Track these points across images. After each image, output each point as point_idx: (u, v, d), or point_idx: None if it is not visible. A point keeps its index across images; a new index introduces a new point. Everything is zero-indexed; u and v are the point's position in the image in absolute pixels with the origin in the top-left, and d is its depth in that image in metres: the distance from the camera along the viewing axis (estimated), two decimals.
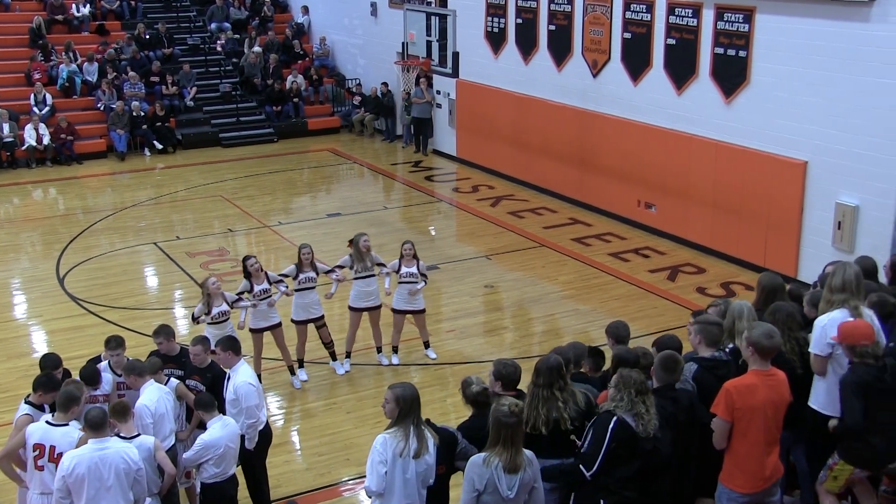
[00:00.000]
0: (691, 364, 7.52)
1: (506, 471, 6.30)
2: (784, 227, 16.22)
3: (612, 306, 15.38)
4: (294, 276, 12.65)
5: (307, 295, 12.74)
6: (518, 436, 6.40)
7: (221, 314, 11.69)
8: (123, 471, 7.68)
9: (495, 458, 6.33)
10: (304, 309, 12.77)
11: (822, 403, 7.58)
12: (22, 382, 9.03)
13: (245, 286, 12.27)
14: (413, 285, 13.10)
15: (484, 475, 6.32)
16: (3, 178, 23.63)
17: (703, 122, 17.63)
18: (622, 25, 19.16)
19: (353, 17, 29.15)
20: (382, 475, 6.73)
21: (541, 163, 21.87)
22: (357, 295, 13.06)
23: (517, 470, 6.31)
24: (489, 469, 6.32)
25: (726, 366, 7.43)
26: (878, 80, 14.48)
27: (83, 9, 29.12)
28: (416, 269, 13.11)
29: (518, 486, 6.34)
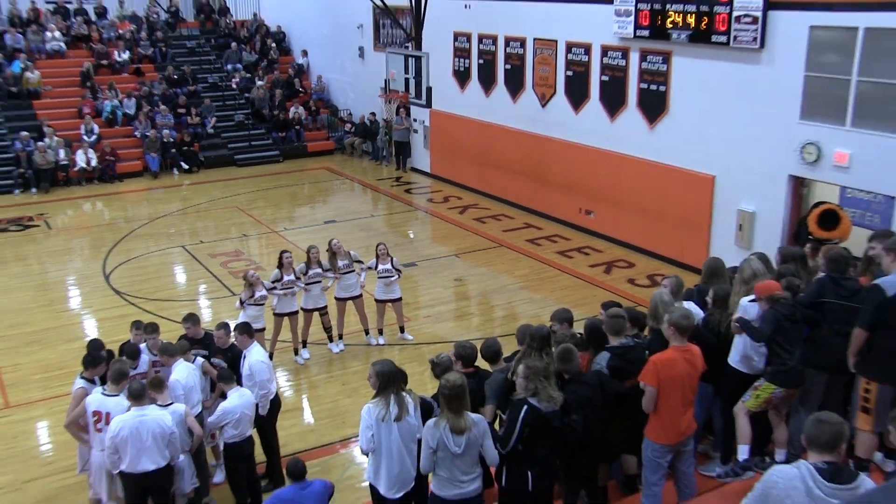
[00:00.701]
0: (604, 353, 7.46)
1: (452, 432, 6.33)
2: (697, 229, 16.35)
3: (560, 295, 15.46)
4: (304, 272, 12.76)
5: (315, 287, 12.88)
6: (459, 404, 6.39)
7: (262, 297, 11.92)
8: (159, 434, 7.84)
9: (443, 422, 6.39)
10: (313, 299, 12.90)
11: (736, 360, 7.59)
12: (76, 361, 9.07)
13: (276, 275, 12.46)
14: (388, 279, 13.21)
15: (435, 436, 6.38)
16: (60, 194, 23.49)
17: (631, 144, 17.71)
18: (565, 65, 19.24)
19: (344, 59, 29.08)
20: (370, 437, 6.84)
21: (500, 177, 21.88)
22: (340, 288, 13.16)
23: (462, 431, 6.33)
24: (439, 431, 6.37)
25: (633, 350, 7.39)
26: (767, 111, 14.69)
27: (123, 55, 29.04)
28: (390, 266, 13.22)
29: (465, 444, 6.36)
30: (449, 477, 6.51)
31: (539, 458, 6.69)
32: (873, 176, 13.32)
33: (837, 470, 4.53)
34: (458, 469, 6.48)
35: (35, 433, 11.25)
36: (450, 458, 6.43)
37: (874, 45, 13.08)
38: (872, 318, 6.75)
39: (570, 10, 18.76)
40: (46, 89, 26.89)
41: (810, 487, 4.50)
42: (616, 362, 7.28)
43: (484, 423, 6.55)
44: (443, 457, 6.45)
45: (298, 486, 7.37)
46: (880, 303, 6.70)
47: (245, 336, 9.52)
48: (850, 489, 4.47)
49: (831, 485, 4.46)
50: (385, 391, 6.89)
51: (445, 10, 22.32)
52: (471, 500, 6.65)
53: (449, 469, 6.49)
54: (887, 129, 13.03)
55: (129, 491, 8.07)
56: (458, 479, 6.51)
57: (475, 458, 6.55)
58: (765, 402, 7.18)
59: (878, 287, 6.78)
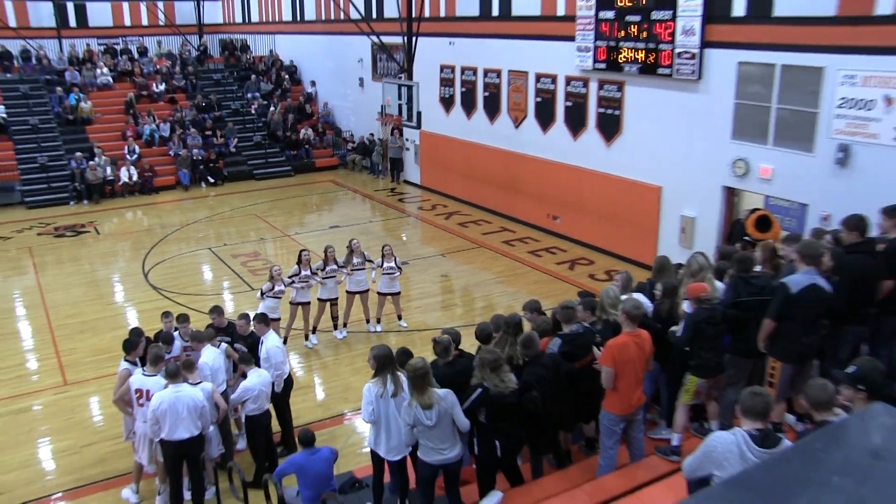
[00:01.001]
0: (556, 339, 7.43)
1: (422, 408, 6.36)
2: (646, 232, 16.41)
3: (531, 288, 15.52)
4: (322, 268, 12.84)
5: (331, 281, 12.94)
6: (422, 383, 6.38)
7: (280, 291, 12.04)
8: (192, 407, 7.92)
9: (413, 401, 6.43)
10: (328, 291, 12.96)
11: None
12: (120, 347, 9.13)
13: (294, 270, 12.52)
14: (391, 274, 13.27)
15: (410, 413, 6.43)
16: (106, 204, 23.47)
17: (591, 160, 17.75)
18: (535, 93, 19.28)
19: (347, 88, 29.06)
20: (370, 411, 6.91)
21: (479, 188, 21.89)
22: (352, 282, 13.22)
23: (430, 406, 6.35)
24: (412, 409, 6.41)
25: (582, 336, 7.37)
26: (704, 132, 14.78)
27: (160, 86, 29.19)
28: (394, 264, 13.28)
29: (436, 416, 6.37)
30: (431, 446, 6.56)
31: (503, 429, 6.72)
32: (790, 187, 13.41)
33: (766, 436, 4.73)
34: (437, 438, 6.52)
35: (89, 406, 11.31)
36: (426, 430, 6.47)
37: (789, 78, 13.20)
38: (779, 310, 6.85)
39: (539, 46, 18.79)
40: (97, 116, 27.10)
41: (744, 451, 4.68)
42: (566, 347, 7.30)
43: (452, 397, 6.52)
44: (421, 430, 6.51)
45: (309, 451, 7.44)
46: (785, 298, 6.80)
47: (262, 324, 9.59)
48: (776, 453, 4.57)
49: (761, 449, 4.65)
50: (382, 372, 6.93)
51: (433, 46, 22.34)
52: (451, 464, 6.71)
53: (428, 439, 6.54)
54: (800, 147, 13.14)
55: (168, 455, 8.13)
56: (438, 448, 6.57)
57: (450, 428, 6.57)
58: (696, 394, 7.26)
59: (784, 285, 6.87)
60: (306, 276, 12.57)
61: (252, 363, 8.94)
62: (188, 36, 34.53)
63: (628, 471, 7.14)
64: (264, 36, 34.36)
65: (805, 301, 6.77)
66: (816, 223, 12.73)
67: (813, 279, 6.80)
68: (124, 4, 35.57)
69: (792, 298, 6.78)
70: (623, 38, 16.02)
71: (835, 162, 12.52)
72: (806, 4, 12.77)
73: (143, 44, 33.53)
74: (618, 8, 16.00)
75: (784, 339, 6.93)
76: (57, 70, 28.81)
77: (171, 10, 36.24)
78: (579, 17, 17.02)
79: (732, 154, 14.25)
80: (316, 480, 7.34)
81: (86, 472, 9.52)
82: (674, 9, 14.78)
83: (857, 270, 7.28)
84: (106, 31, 34.94)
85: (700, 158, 14.97)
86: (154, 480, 8.90)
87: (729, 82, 14.16)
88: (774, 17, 13.29)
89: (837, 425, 3.05)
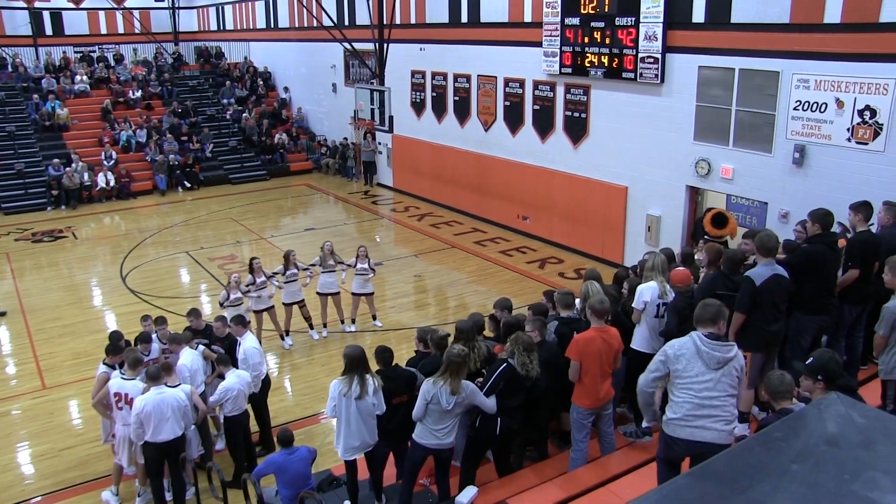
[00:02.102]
0: (553, 322, 7.58)
1: (449, 393, 6.39)
2: (614, 230, 16.52)
3: (502, 287, 15.52)
4: (283, 272, 12.71)
5: (293, 284, 12.82)
6: (461, 370, 6.47)
7: (236, 299, 11.78)
8: (177, 407, 7.86)
9: (441, 381, 6.42)
10: (291, 295, 12.81)
11: (638, 344, 7.69)
12: (100, 349, 9.03)
13: (249, 280, 12.30)
14: (364, 276, 13.23)
15: (432, 391, 6.43)
16: (84, 210, 23.18)
17: (559, 161, 17.84)
18: (503, 96, 19.32)
19: (320, 93, 28.95)
20: (333, 407, 6.88)
21: (451, 190, 21.90)
22: (321, 285, 13.16)
23: (456, 393, 6.40)
24: (436, 388, 6.41)
25: (577, 322, 7.39)
26: (667, 134, 14.92)
27: (136, 93, 28.95)
28: (367, 265, 13.22)
29: (454, 403, 6.44)
30: (433, 429, 6.58)
31: (511, 408, 6.77)
32: (751, 186, 13.58)
33: (717, 336, 5.35)
34: (441, 423, 6.55)
35: (68, 410, 11.16)
36: (438, 411, 6.49)
37: (747, 82, 13.36)
38: (748, 304, 6.92)
39: (507, 52, 18.83)
40: (74, 123, 26.79)
41: (698, 345, 5.29)
42: (562, 329, 7.39)
43: (472, 387, 6.59)
44: (433, 409, 6.51)
45: (287, 451, 7.40)
46: (752, 291, 6.87)
47: (240, 326, 9.50)
48: (726, 346, 5.30)
49: (713, 342, 5.28)
50: (350, 372, 6.86)
51: (404, 52, 22.31)
52: (444, 451, 6.78)
53: (434, 422, 6.55)
54: (759, 148, 13.31)
55: (150, 457, 8.04)
56: (437, 432, 6.59)
57: (456, 418, 6.64)
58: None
59: (749, 279, 6.95)
60: (262, 282, 12.35)
61: (230, 364, 8.86)
62: (164, 44, 34.26)
63: (600, 463, 7.17)
64: (239, 43, 34.20)
65: (769, 292, 6.86)
66: (776, 220, 12.92)
67: (773, 269, 6.90)
68: (100, 13, 35.17)
69: (758, 291, 6.86)
70: (588, 43, 16.11)
71: (792, 162, 12.71)
72: (762, 12, 12.94)
73: (119, 51, 33.23)
74: (583, 14, 16.09)
75: (752, 329, 6.99)
76: (33, 77, 28.51)
77: (146, 18, 35.85)
78: (546, 23, 17.09)
79: (695, 155, 14.38)
80: (294, 480, 7.31)
81: (65, 475, 9.39)
82: (636, 15, 14.89)
83: (815, 260, 7.40)
84: (82, 39, 34.55)
85: (664, 159, 15.09)
86: (134, 482, 8.81)
87: (690, 86, 14.30)
88: (733, 23, 13.44)
89: (796, 415, 3.10)
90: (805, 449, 2.63)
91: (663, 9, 14.38)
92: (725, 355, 5.25)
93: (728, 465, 2.68)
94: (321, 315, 13.32)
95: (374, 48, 21.81)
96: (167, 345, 9.36)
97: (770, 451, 2.66)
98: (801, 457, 2.58)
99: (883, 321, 6.39)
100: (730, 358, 5.27)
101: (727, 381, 5.27)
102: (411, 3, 22.19)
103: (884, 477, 2.41)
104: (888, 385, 6.52)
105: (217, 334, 9.69)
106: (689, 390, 5.29)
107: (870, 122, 11.62)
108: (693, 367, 5.28)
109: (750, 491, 2.45)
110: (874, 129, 11.58)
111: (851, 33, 11.76)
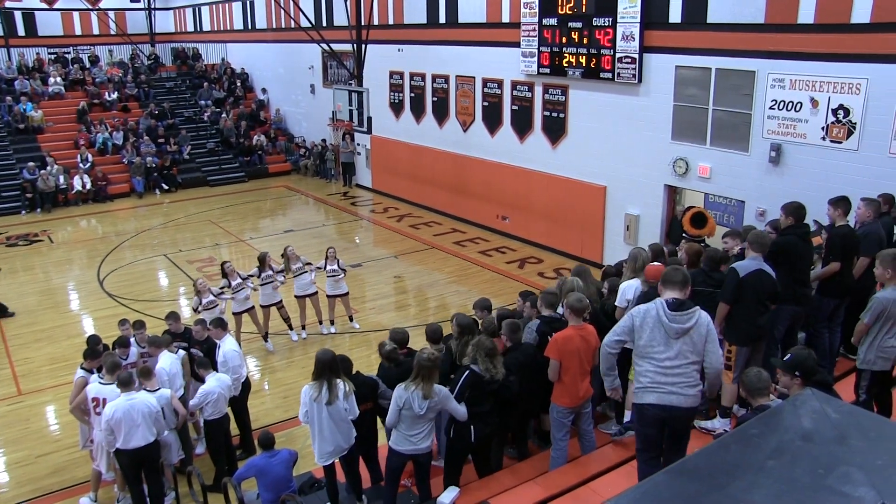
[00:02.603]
0: (535, 321, 7.51)
1: (421, 397, 6.36)
2: (593, 230, 16.59)
3: (482, 287, 15.54)
4: (258, 274, 12.69)
5: (269, 287, 12.77)
6: (432, 374, 6.41)
7: (210, 303, 11.68)
8: (147, 413, 7.78)
9: (413, 386, 6.39)
10: (268, 297, 12.78)
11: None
12: (78, 354, 8.94)
13: (224, 283, 12.29)
14: (335, 277, 13.20)
15: (404, 396, 6.39)
16: (60, 213, 22.99)
17: (538, 161, 17.89)
18: (482, 97, 19.36)
19: (298, 94, 28.88)
20: (304, 412, 6.84)
21: (430, 191, 21.91)
22: (297, 287, 13.15)
23: (429, 397, 6.36)
24: (408, 393, 6.38)
25: (559, 321, 7.30)
26: (645, 133, 15.00)
27: (112, 95, 28.70)
28: (337, 266, 13.21)
29: (427, 407, 6.40)
30: (408, 435, 6.56)
31: (480, 414, 6.75)
32: (728, 184, 13.70)
33: (681, 304, 5.49)
34: (415, 428, 6.53)
35: (44, 416, 11.05)
36: (412, 417, 6.46)
37: (723, 82, 13.48)
38: (732, 294, 6.98)
39: (485, 52, 18.87)
40: (48, 125, 26.53)
41: (660, 314, 5.47)
42: (544, 328, 7.34)
43: (444, 391, 6.57)
44: (406, 415, 6.48)
45: (268, 454, 7.39)
46: (737, 282, 6.94)
47: (219, 329, 9.45)
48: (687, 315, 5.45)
49: (673, 313, 5.45)
50: (319, 377, 6.79)
51: (382, 52, 22.29)
52: (422, 455, 6.74)
53: (408, 427, 6.53)
54: (736, 147, 13.44)
55: (124, 464, 7.97)
56: (412, 437, 6.57)
57: (431, 422, 6.62)
58: None
59: (734, 269, 7.02)
60: (237, 285, 12.31)
61: (209, 367, 8.81)
62: (140, 45, 34.01)
63: (580, 462, 7.19)
64: (216, 44, 34.02)
65: (753, 284, 6.91)
66: (753, 218, 13.04)
67: (759, 265, 6.97)
68: (74, 14, 34.86)
69: (742, 282, 6.92)
70: (566, 43, 16.18)
71: (768, 160, 12.84)
72: (737, 12, 13.06)
73: (94, 52, 32.95)
74: (560, 15, 16.15)
75: (738, 322, 7.06)
76: (6, 79, 28.22)
77: (122, 19, 35.56)
78: (524, 23, 17.15)
79: (673, 154, 14.48)
80: (276, 483, 7.28)
81: (42, 482, 9.30)
82: (614, 15, 14.97)
83: (786, 251, 7.49)
84: (56, 41, 34.27)
85: (642, 158, 15.17)
86: (113, 488, 8.75)
87: (668, 85, 14.39)
88: (709, 23, 13.55)
89: (772, 411, 3.15)
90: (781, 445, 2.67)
91: (640, 9, 14.47)
92: (684, 325, 5.44)
93: (705, 463, 2.71)
94: (300, 317, 13.30)
95: (352, 49, 21.78)
96: (145, 348, 9.30)
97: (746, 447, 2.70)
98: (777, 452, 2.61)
99: (870, 310, 6.47)
100: (689, 328, 5.45)
101: (688, 348, 5.46)
102: (389, 4, 22.19)
103: (857, 471, 2.45)
104: (862, 375, 6.63)
105: (196, 338, 9.64)
106: (651, 360, 5.54)
107: (843, 121, 11.77)
108: (654, 339, 5.50)
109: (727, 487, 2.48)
110: (848, 127, 11.73)
111: (824, 34, 11.91)
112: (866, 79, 11.43)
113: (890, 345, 6.45)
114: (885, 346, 6.46)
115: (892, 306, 6.39)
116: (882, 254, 6.64)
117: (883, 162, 11.37)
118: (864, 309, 6.58)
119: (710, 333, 5.55)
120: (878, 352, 6.49)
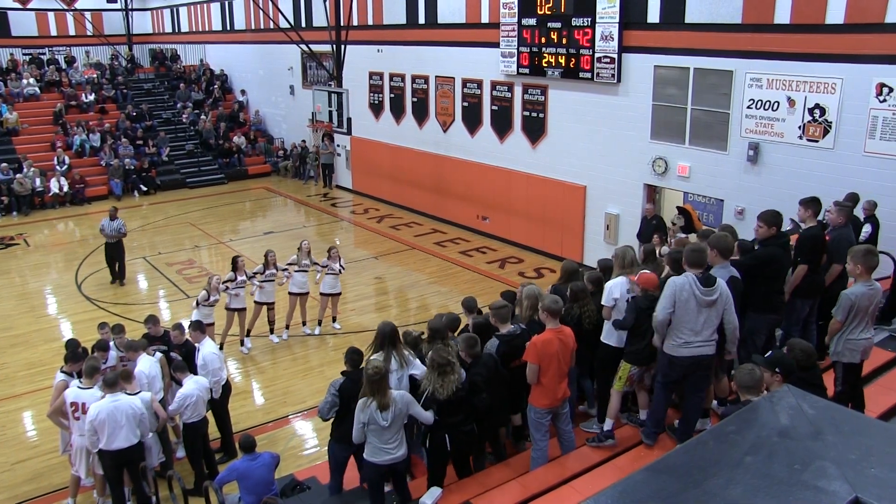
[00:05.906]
0: (494, 340, 7.31)
1: (379, 409, 6.29)
2: (573, 229, 16.67)
3: (463, 288, 15.53)
4: (262, 272, 12.77)
5: (270, 285, 12.88)
6: (382, 385, 6.32)
7: (215, 300, 11.84)
8: (131, 415, 7.77)
9: (370, 400, 6.31)
10: (266, 295, 12.90)
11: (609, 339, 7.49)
12: (56, 358, 8.90)
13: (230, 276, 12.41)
14: (335, 275, 13.28)
15: (366, 413, 6.33)
16: (36, 216, 22.76)
17: (517, 161, 17.95)
18: (461, 97, 19.39)
19: (278, 95, 28.79)
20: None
21: (410, 191, 21.92)
22: (295, 285, 13.18)
23: (387, 407, 6.29)
24: (368, 409, 6.31)
25: (520, 336, 7.20)
26: (624, 133, 15.10)
27: (90, 96, 28.49)
28: (338, 266, 13.28)
29: (392, 417, 6.32)
30: (381, 446, 6.49)
31: (451, 424, 6.72)
32: (707, 183, 13.81)
33: (706, 279, 6.30)
34: (387, 438, 6.46)
35: (22, 422, 10.91)
36: (379, 430, 6.40)
37: (702, 81, 13.60)
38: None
39: (465, 52, 18.90)
40: (24, 127, 26.28)
41: (693, 288, 6.25)
42: (504, 348, 7.23)
43: (407, 397, 6.50)
44: (373, 429, 6.42)
45: (249, 457, 7.36)
46: None
47: (198, 332, 9.45)
48: (712, 289, 6.24)
49: (702, 288, 6.24)
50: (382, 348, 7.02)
51: (361, 53, 22.26)
52: (399, 463, 6.67)
53: (379, 438, 6.46)
54: (715, 146, 13.55)
55: (107, 465, 7.93)
56: (386, 448, 6.51)
57: (400, 429, 6.55)
58: (628, 381, 7.28)
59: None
60: (242, 281, 12.44)
61: (186, 371, 8.78)
62: (117, 46, 33.73)
63: (560, 462, 7.21)
64: (194, 45, 33.80)
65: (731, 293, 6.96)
66: (732, 217, 13.15)
67: (730, 272, 6.97)
68: (49, 14, 34.51)
69: None
70: (545, 43, 16.24)
71: (746, 159, 12.96)
72: (715, 12, 13.17)
73: (70, 53, 32.65)
74: (539, 15, 16.22)
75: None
76: None
77: (98, 19, 35.25)
78: (503, 24, 17.20)
79: (652, 153, 14.58)
80: (257, 486, 7.26)
81: (20, 489, 9.21)
82: (592, 15, 15.05)
83: (769, 263, 7.52)
84: (31, 41, 33.92)
85: (621, 158, 15.25)
86: (92, 493, 8.68)
87: (646, 85, 14.49)
88: (687, 23, 13.66)
89: (750, 407, 3.18)
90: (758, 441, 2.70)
91: (619, 9, 14.55)
92: (711, 297, 6.27)
93: (684, 460, 2.74)
94: (286, 317, 13.29)
95: (332, 50, 21.72)
96: (124, 352, 9.25)
97: (724, 444, 2.73)
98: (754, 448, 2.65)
99: (841, 307, 6.56)
100: (714, 300, 6.29)
101: (713, 315, 6.35)
102: (368, 5, 22.18)
103: (832, 466, 2.49)
104: (837, 367, 6.75)
105: (175, 342, 9.62)
106: (686, 325, 6.35)
107: (819, 121, 11.90)
108: (689, 307, 6.30)
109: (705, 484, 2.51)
110: (824, 126, 11.86)
111: (800, 34, 12.04)
112: (841, 78, 11.57)
113: (858, 337, 6.62)
114: (853, 338, 6.62)
115: (860, 301, 6.52)
116: (853, 249, 6.74)
117: (858, 160, 11.52)
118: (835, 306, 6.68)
119: (727, 302, 6.38)
120: (846, 344, 6.64)
